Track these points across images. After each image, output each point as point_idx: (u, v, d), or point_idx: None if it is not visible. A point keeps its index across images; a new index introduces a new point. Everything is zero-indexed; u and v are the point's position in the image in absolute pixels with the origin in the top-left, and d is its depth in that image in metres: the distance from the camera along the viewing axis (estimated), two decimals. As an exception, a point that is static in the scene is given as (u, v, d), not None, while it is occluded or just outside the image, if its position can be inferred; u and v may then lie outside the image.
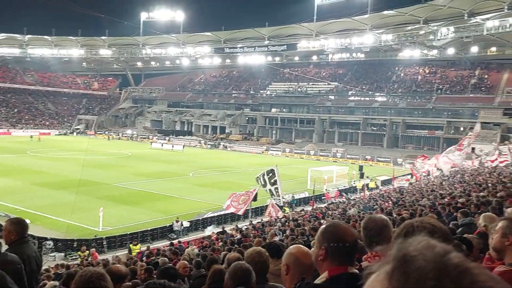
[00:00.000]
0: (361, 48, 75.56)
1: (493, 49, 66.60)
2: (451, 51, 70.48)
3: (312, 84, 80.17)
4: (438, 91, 67.03)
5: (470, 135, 23.94)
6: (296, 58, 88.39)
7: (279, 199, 24.71)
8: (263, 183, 24.58)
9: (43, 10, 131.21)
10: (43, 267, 11.55)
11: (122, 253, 18.07)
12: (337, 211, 23.13)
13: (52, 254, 17.92)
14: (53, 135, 79.71)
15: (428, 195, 19.79)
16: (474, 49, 67.96)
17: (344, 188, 35.26)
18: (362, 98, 72.53)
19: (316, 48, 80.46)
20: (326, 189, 33.50)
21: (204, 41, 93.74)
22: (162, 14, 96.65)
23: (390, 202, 21.05)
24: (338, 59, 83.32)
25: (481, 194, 13.41)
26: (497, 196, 11.54)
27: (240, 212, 23.06)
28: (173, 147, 64.38)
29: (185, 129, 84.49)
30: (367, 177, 38.60)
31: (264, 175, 24.56)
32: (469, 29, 62.38)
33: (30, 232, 15.07)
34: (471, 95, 63.37)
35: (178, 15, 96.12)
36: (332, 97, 75.68)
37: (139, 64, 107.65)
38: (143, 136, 79.73)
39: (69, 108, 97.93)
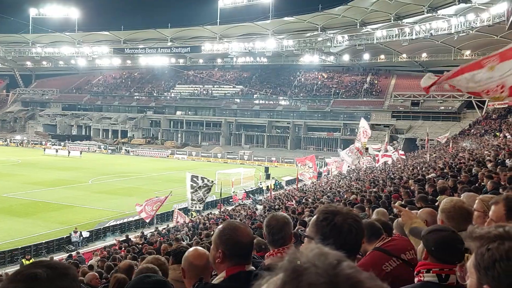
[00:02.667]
0: (264, 53, 77.73)
1: (382, 56, 72.79)
2: (346, 57, 75.63)
3: (218, 87, 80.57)
4: (335, 95, 71.52)
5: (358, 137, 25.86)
6: (201, 61, 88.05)
7: (200, 206, 23.95)
8: (200, 184, 23.40)
9: None
10: None
11: (13, 269, 16.37)
12: (244, 212, 23.48)
13: None
14: None
15: (327, 193, 21.03)
16: (366, 56, 73.63)
17: (251, 189, 35.94)
18: (267, 102, 74.77)
19: (220, 51, 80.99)
20: (233, 191, 33.83)
21: (102, 40, 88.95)
22: (54, 11, 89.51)
23: (294, 201, 21.92)
24: (243, 63, 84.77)
25: (374, 190, 14.61)
26: (386, 191, 12.66)
27: (148, 220, 22.26)
28: (69, 153, 60.18)
29: (83, 133, 79.54)
30: (273, 178, 39.82)
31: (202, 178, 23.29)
32: (361, 38, 67.55)
33: None
34: (364, 99, 68.71)
35: (72, 12, 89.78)
36: (238, 100, 76.83)
37: (29, 63, 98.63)
38: (35, 142, 73.28)
39: None
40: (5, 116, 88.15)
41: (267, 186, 35.05)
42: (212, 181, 23.88)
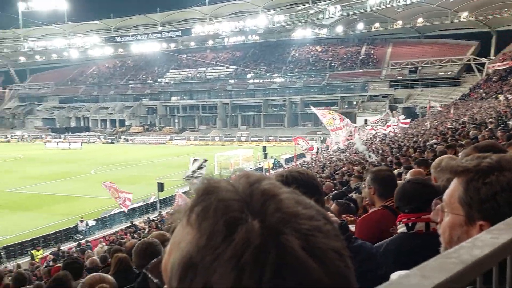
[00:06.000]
0: (255, 30, 77.13)
1: (377, 25, 71.70)
2: (339, 29, 74.76)
3: (211, 69, 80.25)
4: (330, 69, 71.25)
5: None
6: (192, 44, 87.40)
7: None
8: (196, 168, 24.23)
9: None
10: None
11: (24, 260, 16.99)
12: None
13: None
14: None
15: (328, 167, 21.40)
16: (360, 26, 72.76)
17: (250, 169, 36.34)
18: (261, 80, 74.54)
19: (211, 32, 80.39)
20: (232, 173, 34.22)
21: (93, 30, 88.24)
22: (42, 4, 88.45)
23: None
24: (234, 42, 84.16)
25: (374, 159, 14.96)
26: (387, 160, 12.98)
27: (125, 209, 21.54)
28: (70, 145, 60.54)
29: (82, 125, 79.74)
30: (271, 157, 40.19)
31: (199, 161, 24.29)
32: (354, 7, 66.56)
33: None
34: (360, 70, 68.41)
35: (61, 4, 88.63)
36: (232, 81, 76.61)
37: (22, 59, 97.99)
38: (35, 136, 73.55)
39: None
40: (3, 113, 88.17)
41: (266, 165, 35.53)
42: (204, 159, 24.47)
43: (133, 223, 20.97)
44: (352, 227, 3.06)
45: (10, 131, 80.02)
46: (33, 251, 17.66)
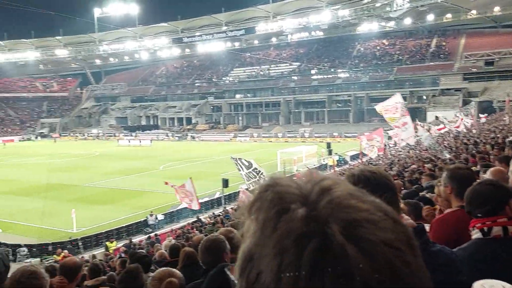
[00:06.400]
0: (319, 26, 76.14)
1: (449, 15, 68.09)
2: (408, 21, 71.77)
3: (275, 66, 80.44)
4: (398, 62, 68.57)
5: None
6: (256, 42, 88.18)
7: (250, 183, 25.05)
8: (244, 165, 24.59)
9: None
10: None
11: (99, 251, 18.03)
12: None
13: (27, 260, 17.63)
14: (16, 142, 77.06)
15: (396, 164, 20.48)
16: (430, 17, 69.39)
17: (314, 166, 35.92)
18: (325, 76, 73.40)
19: (275, 30, 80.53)
20: (296, 170, 34.03)
21: (162, 32, 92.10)
22: (115, 9, 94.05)
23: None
24: (298, 39, 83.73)
25: (448, 157, 14.11)
26: (461, 158, 12.17)
27: (194, 207, 22.04)
28: (140, 142, 63.61)
29: (151, 123, 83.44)
30: (336, 153, 39.41)
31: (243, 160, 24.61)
32: (424, -2, 63.62)
33: (2, 240, 14.85)
34: (430, 63, 65.12)
35: (132, 8, 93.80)
36: (295, 78, 76.24)
37: (98, 61, 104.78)
38: (109, 134, 78.22)
39: (30, 113, 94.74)
40: (81, 112, 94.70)
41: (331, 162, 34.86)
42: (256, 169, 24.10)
43: (199, 218, 21.52)
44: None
45: (87, 129, 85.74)
46: (107, 243, 18.69)
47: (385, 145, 37.11)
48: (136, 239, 19.22)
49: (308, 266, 0.46)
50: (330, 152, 40.15)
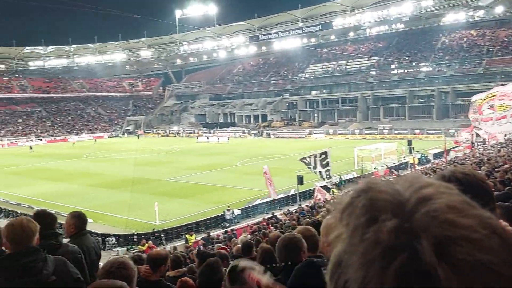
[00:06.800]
0: (400, 18, 72.86)
1: (545, 2, 61.89)
2: (499, 9, 66.08)
3: (352, 62, 78.42)
4: (488, 54, 63.54)
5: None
6: (333, 37, 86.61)
7: (330, 181, 25.10)
8: (313, 164, 24.88)
9: (85, 20, 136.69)
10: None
11: (179, 243, 18.79)
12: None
13: (115, 249, 18.96)
14: (105, 138, 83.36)
15: (485, 164, 18.96)
16: (525, 5, 63.43)
17: (394, 164, 34.48)
18: (406, 70, 70.02)
19: (353, 24, 78.49)
20: (374, 168, 32.92)
21: (239, 30, 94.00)
22: (195, 10, 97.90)
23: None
24: (377, 33, 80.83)
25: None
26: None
27: (273, 196, 23.71)
28: (218, 139, 65.48)
29: (228, 120, 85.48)
30: (417, 151, 37.51)
31: (316, 156, 24.95)
32: (519, -16, 58.33)
33: (93, 229, 16.02)
34: (526, 54, 59.52)
35: (211, 9, 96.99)
36: (374, 73, 73.65)
37: (179, 61, 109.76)
38: (189, 131, 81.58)
39: (118, 111, 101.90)
40: (163, 110, 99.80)
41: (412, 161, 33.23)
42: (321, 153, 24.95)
43: (274, 214, 21.64)
44: None
45: (169, 126, 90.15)
46: (187, 235, 19.42)
47: (473, 143, 34.59)
48: (214, 233, 19.79)
49: (392, 282, 0.43)
50: (411, 150, 38.32)
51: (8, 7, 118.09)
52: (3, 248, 2.82)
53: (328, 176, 24.88)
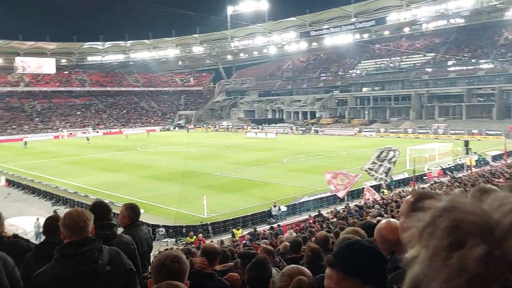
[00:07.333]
0: (459, 13, 69.46)
1: None
2: None
3: (406, 58, 75.79)
4: (558, 50, 59.24)
5: None
6: (386, 33, 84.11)
7: (386, 180, 24.87)
8: (388, 158, 24.75)
9: (141, 17, 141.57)
10: (156, 251, 12.68)
11: (226, 237, 19.05)
12: (441, 190, 21.84)
13: (165, 240, 19.55)
14: (157, 131, 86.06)
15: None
16: None
17: (449, 166, 33.05)
18: (464, 68, 66.67)
19: (408, 19, 75.77)
20: (428, 169, 31.71)
21: (290, 26, 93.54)
22: (247, 6, 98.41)
23: (502, 179, 19.35)
24: (434, 28, 77.56)
25: None
26: None
27: (340, 195, 23.17)
28: (266, 135, 65.64)
29: (277, 116, 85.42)
30: (474, 153, 35.70)
31: (380, 155, 24.92)
32: None
33: (145, 220, 16.58)
34: None
35: (262, 5, 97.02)
36: (429, 70, 70.71)
37: (229, 57, 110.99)
38: (238, 127, 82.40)
39: (170, 105, 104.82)
40: (214, 105, 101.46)
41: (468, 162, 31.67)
42: (395, 150, 24.46)
43: (320, 212, 21.40)
44: None
45: (218, 121, 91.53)
46: (234, 230, 19.66)
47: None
48: (260, 228, 19.87)
49: None
50: (467, 151, 36.55)
51: (70, 4, 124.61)
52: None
53: (386, 175, 24.72)
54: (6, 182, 32.92)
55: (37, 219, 18.90)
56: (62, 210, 20.50)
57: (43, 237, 3.82)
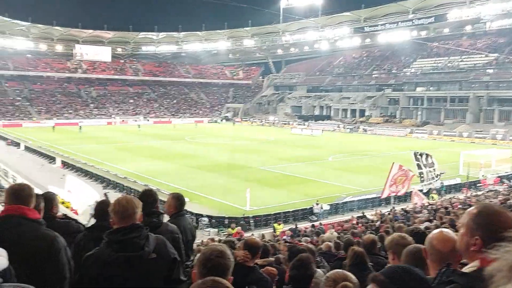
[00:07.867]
0: (527, 12, 65.27)
1: None
2: None
3: (466, 58, 72.24)
4: None
5: None
6: (446, 30, 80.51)
7: (430, 182, 24.03)
8: (424, 162, 24.16)
9: (194, 8, 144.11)
10: (199, 240, 12.91)
11: (267, 231, 19.09)
12: (496, 199, 20.70)
13: (207, 230, 19.87)
14: (205, 123, 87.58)
15: None
16: None
17: (506, 174, 31.28)
18: (531, 70, 62.67)
19: (470, 17, 72.22)
20: (482, 175, 30.19)
21: (343, 22, 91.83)
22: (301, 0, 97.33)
23: None
24: (498, 27, 73.35)
25: None
26: None
27: (401, 193, 22.87)
28: (312, 131, 65.01)
29: (324, 113, 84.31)
30: (536, 161, 33.54)
31: (426, 155, 24.51)
32: None
33: (189, 209, 17.02)
34: None
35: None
36: (491, 71, 67.00)
37: (280, 51, 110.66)
38: (284, 122, 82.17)
39: (218, 97, 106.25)
40: (261, 99, 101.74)
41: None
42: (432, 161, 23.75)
43: (364, 214, 20.93)
44: None
45: (264, 116, 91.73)
46: (275, 224, 19.66)
47: None
48: (301, 225, 19.74)
49: None
50: (527, 160, 34.40)
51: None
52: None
53: (432, 178, 23.90)
54: (62, 164, 34.71)
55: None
56: (112, 194, 21.35)
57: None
